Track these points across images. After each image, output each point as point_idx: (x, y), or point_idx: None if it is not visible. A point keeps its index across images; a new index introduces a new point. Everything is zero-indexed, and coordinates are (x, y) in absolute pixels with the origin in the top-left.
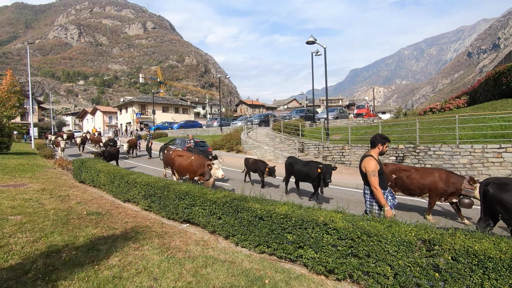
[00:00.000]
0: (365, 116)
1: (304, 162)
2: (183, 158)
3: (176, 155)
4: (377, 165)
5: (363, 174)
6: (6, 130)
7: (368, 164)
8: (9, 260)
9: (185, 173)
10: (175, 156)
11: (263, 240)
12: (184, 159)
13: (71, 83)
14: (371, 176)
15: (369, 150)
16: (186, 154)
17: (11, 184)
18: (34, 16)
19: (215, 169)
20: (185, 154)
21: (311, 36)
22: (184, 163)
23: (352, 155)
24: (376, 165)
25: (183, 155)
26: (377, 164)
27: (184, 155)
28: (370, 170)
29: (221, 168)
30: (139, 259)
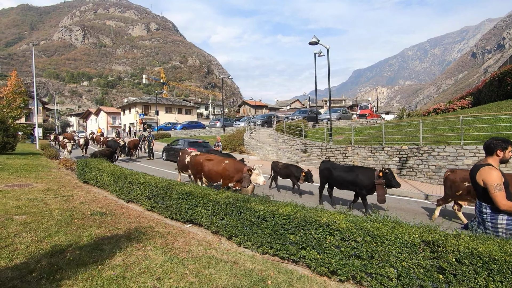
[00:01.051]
0: (368, 117)
1: (346, 168)
2: (214, 162)
3: (206, 159)
4: (501, 176)
5: (480, 188)
6: (11, 131)
7: (490, 175)
8: (14, 259)
9: (217, 179)
10: (204, 161)
11: (266, 241)
12: (216, 163)
13: (75, 84)
14: (495, 190)
15: (484, 159)
16: (218, 158)
17: (16, 184)
18: (39, 17)
19: (255, 175)
20: (217, 158)
21: (314, 36)
22: (216, 168)
23: (355, 156)
24: (500, 176)
25: (213, 159)
26: (501, 176)
27: (215, 159)
28: (493, 183)
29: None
30: (142, 259)
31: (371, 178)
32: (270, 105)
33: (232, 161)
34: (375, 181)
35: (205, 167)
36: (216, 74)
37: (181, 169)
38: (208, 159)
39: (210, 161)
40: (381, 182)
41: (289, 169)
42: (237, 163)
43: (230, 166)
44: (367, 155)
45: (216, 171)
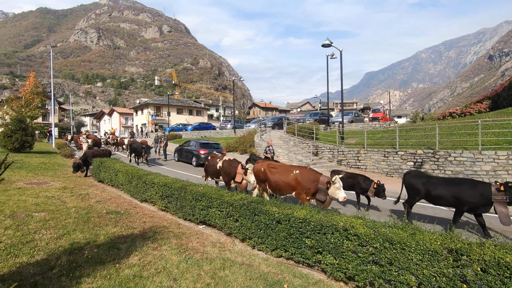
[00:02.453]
0: (381, 120)
1: (449, 180)
2: (281, 171)
3: (269, 167)
4: None
5: None
6: (29, 130)
7: None
8: (35, 255)
9: (287, 191)
10: (267, 169)
11: (280, 244)
12: (283, 172)
13: (90, 85)
14: None
15: None
16: (284, 166)
17: (35, 182)
18: (56, 20)
19: (335, 189)
20: (282, 166)
21: (327, 39)
22: (284, 178)
23: (367, 160)
24: None
25: (278, 167)
26: None
27: (281, 167)
28: None
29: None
30: (158, 259)
31: (487, 193)
32: (280, 107)
33: (306, 170)
34: (493, 197)
35: (271, 177)
36: (227, 76)
37: (211, 175)
38: (273, 166)
39: (276, 170)
40: (502, 198)
41: (356, 180)
42: (311, 173)
43: (304, 176)
44: (380, 159)
45: (285, 182)
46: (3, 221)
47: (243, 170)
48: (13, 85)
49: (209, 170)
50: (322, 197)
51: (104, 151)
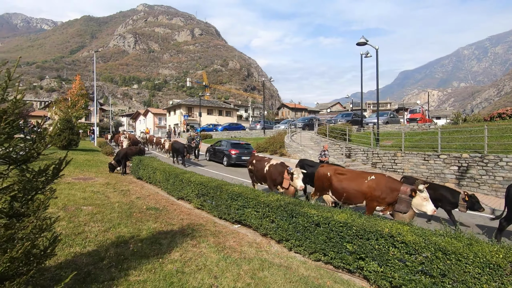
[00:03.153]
0: (419, 121)
1: None
2: (350, 177)
3: (336, 172)
4: None
5: None
6: (75, 129)
7: None
8: (87, 246)
9: (358, 200)
10: (334, 175)
11: (319, 247)
12: (354, 178)
13: (127, 87)
14: None
15: None
16: (355, 172)
17: (81, 177)
18: (98, 27)
19: (422, 199)
20: (353, 172)
21: (362, 37)
22: (356, 185)
23: (405, 163)
24: None
25: (347, 173)
26: None
27: (350, 173)
28: None
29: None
30: (198, 256)
31: None
32: (310, 107)
33: (383, 178)
34: None
35: (337, 184)
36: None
37: (259, 180)
38: (340, 172)
39: (345, 176)
40: None
41: (440, 192)
42: (390, 181)
43: (380, 183)
44: (420, 162)
45: (356, 190)
46: (56, 213)
47: (289, 175)
48: (60, 88)
49: (256, 175)
50: (403, 208)
51: (136, 150)
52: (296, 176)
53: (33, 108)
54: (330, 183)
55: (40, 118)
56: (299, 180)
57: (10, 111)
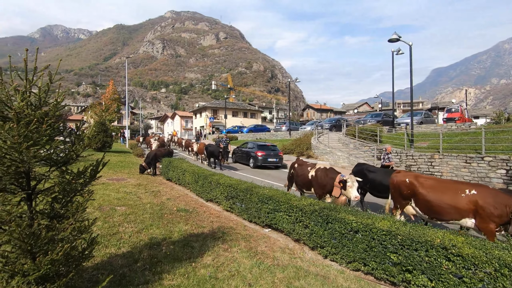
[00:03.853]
0: (457, 121)
1: None
2: (441, 188)
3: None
4: None
5: None
6: (109, 132)
7: None
8: (121, 247)
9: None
10: (416, 182)
11: (359, 256)
12: (447, 190)
13: (155, 91)
14: None
15: None
16: (445, 182)
17: (115, 178)
18: (129, 34)
19: None
20: (443, 182)
21: (394, 33)
22: (450, 199)
23: (444, 166)
24: None
25: (436, 182)
26: None
27: (440, 183)
28: None
29: None
30: (231, 261)
31: None
32: (336, 108)
33: (488, 191)
34: None
35: (424, 193)
36: (280, 79)
37: (299, 185)
38: (425, 180)
39: (432, 184)
40: None
41: None
42: (499, 194)
43: (487, 198)
44: (460, 165)
45: (452, 205)
46: (93, 213)
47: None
48: (94, 93)
49: (297, 180)
50: None
51: (165, 152)
52: (350, 184)
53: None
54: (412, 192)
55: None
56: (353, 189)
57: (51, 113)
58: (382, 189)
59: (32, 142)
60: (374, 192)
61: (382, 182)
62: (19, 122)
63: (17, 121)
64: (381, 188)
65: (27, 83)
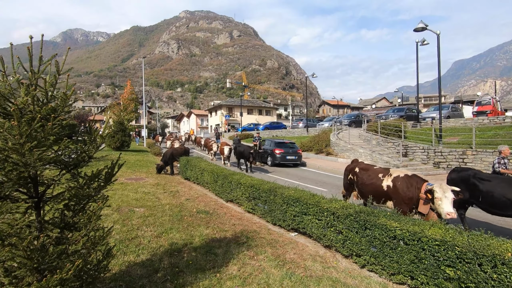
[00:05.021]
0: (489, 115)
1: None
2: None
3: None
4: None
5: None
6: (127, 131)
7: None
8: (140, 254)
9: None
10: None
11: (404, 268)
12: None
13: (171, 91)
14: None
15: None
16: None
17: (133, 178)
18: (145, 36)
19: None
20: None
21: (420, 21)
22: None
23: (478, 162)
24: None
25: None
26: None
27: None
28: None
29: None
30: (258, 271)
31: None
32: (353, 104)
33: None
34: None
35: None
36: (294, 75)
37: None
38: None
39: None
40: None
41: None
42: None
43: None
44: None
45: None
46: (111, 215)
47: (427, 195)
48: (113, 94)
49: (362, 190)
50: None
51: (182, 150)
52: (439, 196)
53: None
54: None
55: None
56: (445, 202)
57: (60, 109)
58: (506, 206)
59: (36, 143)
60: (492, 209)
61: (506, 196)
62: (21, 119)
63: (18, 118)
64: (506, 204)
65: (32, 76)
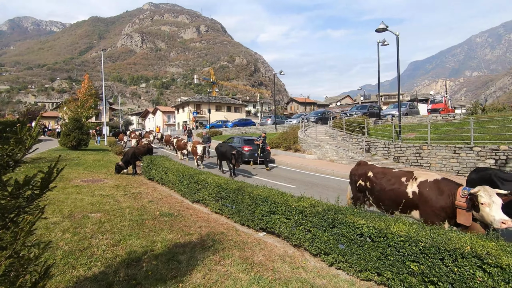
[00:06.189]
0: (442, 112)
1: None
2: None
3: None
4: None
5: None
6: (85, 129)
7: None
8: (92, 267)
9: None
10: None
11: (371, 265)
12: None
13: (135, 86)
14: None
15: None
16: None
17: (90, 179)
18: (105, 27)
19: None
20: None
21: (381, 23)
22: None
23: (433, 157)
24: None
25: None
26: None
27: None
28: None
29: None
30: (225, 277)
31: None
32: (319, 101)
33: None
34: None
35: None
36: (263, 72)
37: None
38: None
39: None
40: None
41: None
42: None
43: None
44: (449, 156)
45: None
46: (61, 223)
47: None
48: (70, 89)
49: (379, 197)
50: None
51: (144, 149)
52: (486, 201)
53: (45, 109)
54: None
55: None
56: (494, 208)
57: None
58: None
59: None
60: None
61: None
62: None
63: None
64: None
65: None
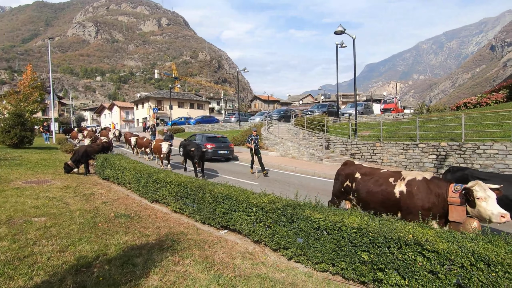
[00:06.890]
0: (393, 112)
1: None
2: None
3: None
4: None
5: None
6: (28, 125)
7: None
8: (34, 276)
9: None
10: None
11: (327, 257)
12: None
13: (89, 79)
14: None
15: None
16: None
17: (34, 181)
18: (53, 14)
19: None
20: None
21: (340, 25)
22: None
23: (384, 153)
24: None
25: None
26: None
27: None
28: None
29: None
30: (183, 278)
31: None
32: (282, 100)
33: None
34: None
35: None
36: (227, 69)
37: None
38: None
39: None
40: None
41: None
42: None
43: None
44: (399, 152)
45: None
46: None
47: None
48: (12, 80)
49: (365, 198)
50: None
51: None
52: (482, 196)
53: None
54: None
55: None
56: (490, 203)
57: None
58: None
59: None
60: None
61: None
62: None
63: None
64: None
65: None
